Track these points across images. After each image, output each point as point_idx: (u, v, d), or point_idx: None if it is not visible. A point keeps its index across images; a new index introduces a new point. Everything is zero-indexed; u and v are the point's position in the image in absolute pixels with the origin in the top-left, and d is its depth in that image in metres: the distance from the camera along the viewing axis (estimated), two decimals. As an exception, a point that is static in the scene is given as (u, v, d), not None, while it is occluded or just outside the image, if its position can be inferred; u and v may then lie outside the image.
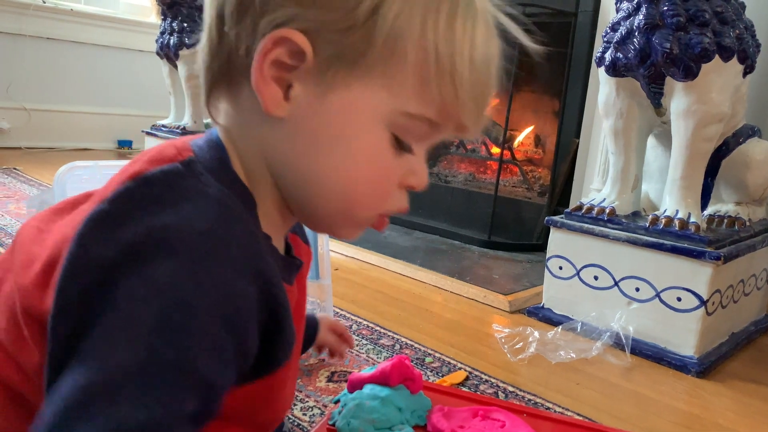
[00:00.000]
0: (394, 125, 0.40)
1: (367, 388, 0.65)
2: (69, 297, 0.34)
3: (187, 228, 0.35)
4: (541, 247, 1.73)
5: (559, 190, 2.06)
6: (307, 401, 0.90)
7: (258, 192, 0.42)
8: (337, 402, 0.71)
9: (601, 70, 1.35)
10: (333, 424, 0.63)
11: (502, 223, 2.09)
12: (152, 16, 3.68)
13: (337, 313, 1.31)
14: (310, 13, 0.37)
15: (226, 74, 0.40)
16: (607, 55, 1.31)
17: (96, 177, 0.88)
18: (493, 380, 1.08)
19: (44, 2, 3.49)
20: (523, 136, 2.34)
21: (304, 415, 0.85)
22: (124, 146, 3.76)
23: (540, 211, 2.06)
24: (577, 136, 2.00)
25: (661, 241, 1.26)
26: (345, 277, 1.61)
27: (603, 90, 1.38)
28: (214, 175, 0.39)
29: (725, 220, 1.39)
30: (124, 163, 1.08)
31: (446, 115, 0.40)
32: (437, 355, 1.16)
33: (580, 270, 1.38)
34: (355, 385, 0.67)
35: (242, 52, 0.38)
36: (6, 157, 3.07)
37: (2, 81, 3.38)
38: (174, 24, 2.66)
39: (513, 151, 2.32)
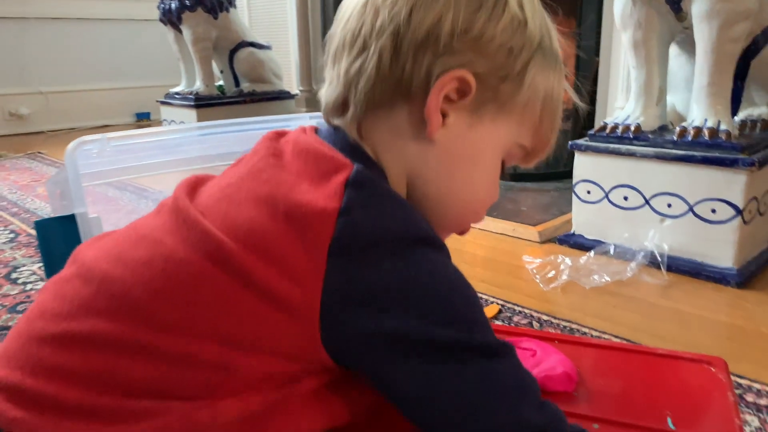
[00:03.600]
0: (507, 152, 0.50)
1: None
2: (349, 297, 0.40)
3: (421, 226, 0.42)
4: (570, 174, 1.69)
5: (584, 112, 2.00)
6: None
7: None
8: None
9: (615, -21, 1.27)
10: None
11: (527, 153, 2.04)
12: (152, -18, 3.63)
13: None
14: (481, 62, 0.44)
15: (386, 99, 0.45)
16: (620, -38, 1.24)
17: (105, 150, 0.88)
18: (526, 311, 1.07)
19: (44, -18, 3.46)
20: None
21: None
22: (142, 119, 3.78)
23: (566, 136, 2.00)
24: (597, 54, 1.92)
25: (691, 153, 1.21)
26: (371, 225, 1.60)
27: (618, 0, 1.30)
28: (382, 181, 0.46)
29: (758, 124, 1.33)
30: (131, 132, 1.07)
31: (537, 145, 0.50)
32: (469, 292, 1.15)
33: (609, 192, 1.35)
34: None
35: (415, 82, 0.44)
36: (29, 143, 3.11)
37: (15, 67, 3.40)
38: (173, -13, 2.61)
39: (532, 78, 2.24)
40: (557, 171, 1.97)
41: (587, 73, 1.96)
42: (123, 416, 0.39)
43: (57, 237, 0.87)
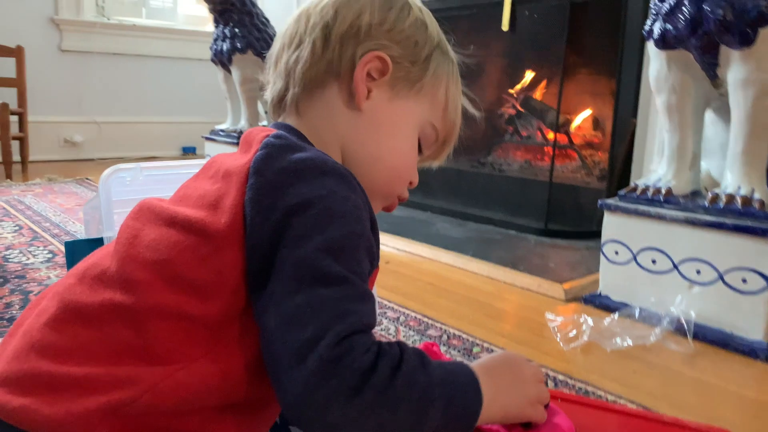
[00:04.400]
0: (422, 131, 0.61)
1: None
2: (261, 205, 0.46)
3: (322, 159, 0.50)
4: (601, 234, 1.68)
5: (618, 173, 1.98)
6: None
7: None
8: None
9: (651, 43, 1.28)
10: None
11: (560, 210, 2.03)
12: (209, 24, 3.80)
13: (384, 305, 1.31)
14: (394, 47, 0.57)
15: (320, 79, 0.57)
16: (656, 28, 1.25)
17: (138, 179, 0.92)
18: (543, 369, 1.05)
19: (109, 20, 3.66)
20: (581, 119, 2.26)
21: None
22: (188, 152, 3.90)
23: (600, 196, 1.99)
24: (635, 115, 1.92)
25: (722, 220, 1.18)
26: (395, 270, 1.61)
27: (654, 65, 1.31)
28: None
29: (796, 195, 1.29)
30: (164, 164, 1.11)
31: (446, 128, 0.63)
32: (486, 344, 1.14)
33: (637, 254, 1.33)
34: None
35: (344, 63, 0.57)
36: (80, 169, 3.25)
37: (74, 97, 3.57)
38: (226, 30, 2.73)
39: (570, 135, 2.24)
40: (590, 230, 1.95)
41: (624, 133, 1.95)
42: (112, 383, 0.42)
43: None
